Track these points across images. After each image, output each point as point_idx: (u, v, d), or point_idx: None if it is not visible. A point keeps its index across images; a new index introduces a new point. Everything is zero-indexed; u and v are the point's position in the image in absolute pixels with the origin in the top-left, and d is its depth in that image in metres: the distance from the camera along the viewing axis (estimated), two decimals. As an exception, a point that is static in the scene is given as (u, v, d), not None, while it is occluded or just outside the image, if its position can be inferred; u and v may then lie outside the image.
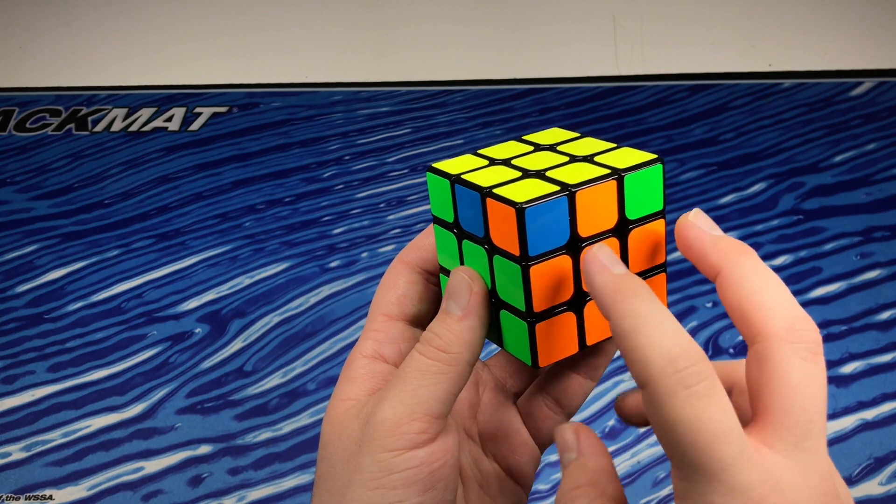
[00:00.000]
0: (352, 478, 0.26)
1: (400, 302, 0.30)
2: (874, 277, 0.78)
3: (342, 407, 0.28)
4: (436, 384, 0.26)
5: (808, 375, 0.23)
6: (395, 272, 0.30)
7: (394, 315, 0.30)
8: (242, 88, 1.10)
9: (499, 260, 0.26)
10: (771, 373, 0.23)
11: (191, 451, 0.66)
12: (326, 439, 0.28)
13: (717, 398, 0.21)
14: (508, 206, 0.25)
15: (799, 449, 0.22)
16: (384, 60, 1.14)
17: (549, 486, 0.64)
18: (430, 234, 0.30)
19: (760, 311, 0.24)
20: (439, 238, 0.29)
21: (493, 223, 0.26)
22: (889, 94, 1.02)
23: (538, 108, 1.03)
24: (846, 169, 0.91)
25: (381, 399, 0.26)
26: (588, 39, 1.15)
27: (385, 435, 0.26)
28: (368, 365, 0.29)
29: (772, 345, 0.23)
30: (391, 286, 0.30)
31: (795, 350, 0.23)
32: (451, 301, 0.27)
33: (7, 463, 0.66)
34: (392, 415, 0.26)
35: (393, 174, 0.94)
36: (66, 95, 1.10)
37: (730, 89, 1.04)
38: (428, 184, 0.28)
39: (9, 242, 0.87)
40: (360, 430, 0.26)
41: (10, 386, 0.72)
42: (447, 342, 0.26)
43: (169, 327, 0.77)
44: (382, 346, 0.30)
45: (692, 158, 0.93)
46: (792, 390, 0.22)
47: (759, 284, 0.24)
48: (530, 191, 0.25)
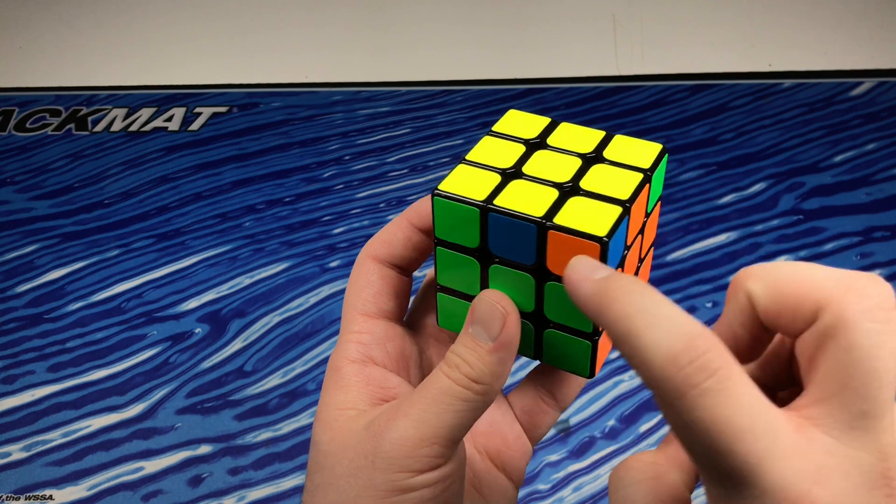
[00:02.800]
0: (361, 492, 0.25)
1: (377, 299, 0.29)
2: (874, 277, 0.78)
3: (343, 416, 0.27)
4: (462, 413, 0.25)
5: (878, 342, 0.19)
6: (365, 269, 0.29)
7: (373, 314, 0.29)
8: (242, 88, 1.10)
9: (555, 287, 0.25)
10: (828, 342, 0.19)
11: (191, 451, 0.66)
12: (327, 448, 0.26)
13: (732, 391, 0.18)
14: (588, 242, 0.23)
15: (853, 427, 0.19)
16: (384, 60, 1.14)
17: (549, 486, 0.64)
18: (397, 228, 0.29)
19: (806, 286, 0.20)
20: (445, 260, 0.27)
21: (554, 253, 0.25)
22: (889, 94, 1.02)
23: (538, 108, 1.03)
24: (846, 169, 0.91)
25: (398, 415, 0.25)
26: (588, 39, 1.15)
27: (403, 455, 0.25)
28: (360, 371, 0.28)
29: (831, 315, 0.19)
30: (365, 284, 0.29)
31: (865, 313, 0.19)
32: (479, 328, 0.25)
33: (7, 463, 0.66)
34: (413, 436, 0.25)
35: (393, 174, 0.94)
36: (66, 95, 1.10)
37: (730, 89, 1.04)
38: (435, 210, 0.26)
39: (9, 242, 0.87)
40: (371, 444, 0.25)
41: (10, 386, 0.72)
42: (479, 373, 0.25)
43: (169, 327, 0.77)
44: (370, 349, 0.29)
45: (692, 158, 0.93)
46: (856, 361, 0.19)
47: (792, 269, 0.21)
48: (595, 216, 0.24)
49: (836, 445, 0.19)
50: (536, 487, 0.64)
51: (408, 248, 0.29)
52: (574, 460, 0.65)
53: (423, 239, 0.29)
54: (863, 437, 0.19)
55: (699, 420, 0.18)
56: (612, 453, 0.66)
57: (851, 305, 0.19)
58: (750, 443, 0.18)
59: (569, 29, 1.17)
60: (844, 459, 0.18)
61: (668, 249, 0.83)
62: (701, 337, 0.19)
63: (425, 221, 0.29)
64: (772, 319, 0.21)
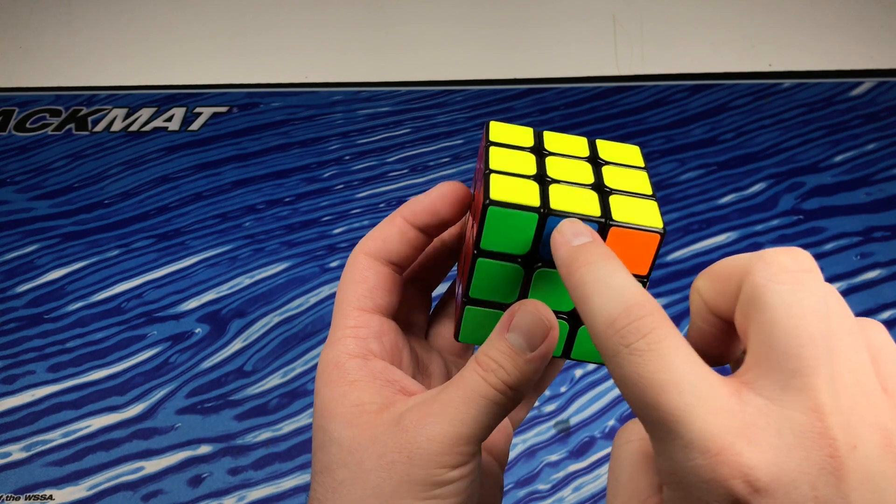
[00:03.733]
0: (399, 487, 0.25)
1: (372, 295, 0.30)
2: (874, 277, 0.78)
3: (364, 412, 0.27)
4: (495, 415, 0.26)
5: (789, 301, 0.19)
6: (360, 265, 0.30)
7: (368, 308, 0.30)
8: (242, 88, 1.10)
9: None
10: (749, 310, 0.20)
11: (191, 451, 0.66)
12: (352, 444, 0.26)
13: (659, 351, 0.20)
14: (650, 234, 0.26)
15: (786, 388, 0.19)
16: (384, 60, 1.14)
17: (549, 486, 0.64)
18: (391, 224, 0.30)
19: (730, 267, 0.22)
20: (485, 271, 0.27)
21: (612, 248, 0.26)
22: (889, 94, 1.02)
23: (538, 108, 1.03)
24: (846, 169, 0.91)
25: (433, 413, 0.26)
26: (588, 39, 1.15)
27: (442, 452, 0.25)
28: (364, 365, 0.28)
29: (747, 284, 0.20)
30: (360, 279, 0.30)
31: (771, 276, 0.20)
32: (519, 336, 0.26)
33: (7, 463, 0.66)
34: (451, 434, 0.25)
35: (393, 174, 0.94)
36: (66, 95, 1.10)
37: (730, 89, 1.04)
38: (488, 220, 0.26)
39: (9, 242, 0.87)
40: (407, 440, 0.26)
41: (10, 386, 0.72)
42: (514, 380, 0.26)
43: (169, 327, 0.77)
44: (368, 343, 0.29)
45: (692, 158, 0.93)
46: (772, 321, 0.19)
47: (726, 262, 0.22)
48: (643, 211, 0.26)
49: (768, 405, 0.19)
50: (536, 487, 0.64)
51: (402, 245, 0.30)
52: (574, 460, 0.65)
53: (418, 235, 0.30)
54: (797, 397, 0.19)
55: (629, 375, 0.20)
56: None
57: (760, 272, 0.20)
58: (674, 396, 0.19)
59: (569, 29, 1.17)
60: (777, 419, 0.19)
61: (668, 249, 0.83)
62: (639, 305, 0.21)
63: (420, 219, 0.30)
64: (715, 308, 0.23)
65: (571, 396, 0.69)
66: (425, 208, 0.30)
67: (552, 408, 0.69)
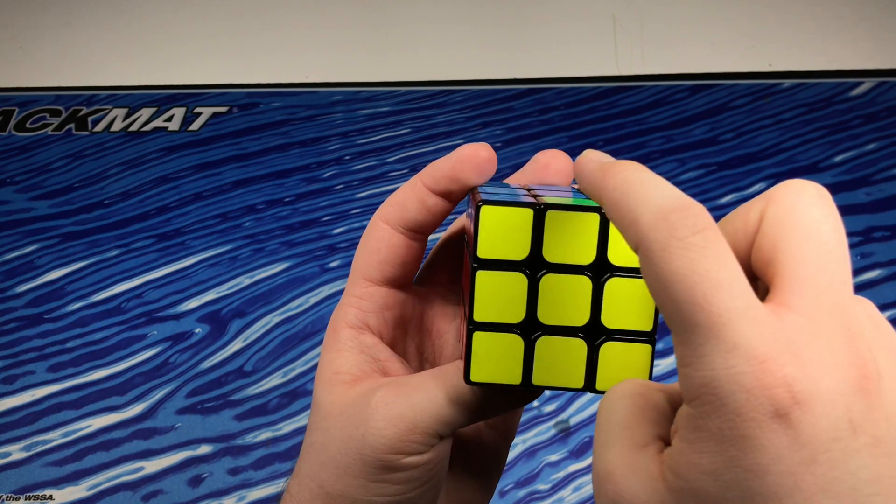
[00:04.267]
0: (351, 465, 0.26)
1: (381, 266, 0.29)
2: (874, 277, 0.78)
3: (339, 380, 0.28)
4: (463, 414, 0.26)
5: (820, 219, 0.19)
6: (376, 233, 0.29)
7: (376, 280, 0.29)
8: (242, 88, 1.10)
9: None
10: (777, 231, 0.20)
11: (191, 451, 0.66)
12: (327, 410, 0.27)
13: (716, 249, 0.19)
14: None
15: (820, 306, 0.18)
16: (384, 60, 1.14)
17: (549, 486, 0.64)
18: (411, 190, 0.28)
19: (745, 207, 0.21)
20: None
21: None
22: (889, 94, 1.02)
23: (538, 108, 1.03)
24: (846, 169, 0.91)
25: (397, 395, 0.26)
26: (588, 39, 1.15)
27: (395, 437, 0.25)
28: (356, 336, 0.29)
29: (772, 209, 0.20)
30: (373, 249, 0.29)
31: (799, 197, 0.20)
32: None
33: (7, 463, 0.66)
34: (407, 421, 0.25)
35: (393, 174, 0.94)
36: (66, 95, 1.10)
37: (730, 89, 1.04)
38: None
39: (9, 242, 0.87)
40: (366, 420, 0.26)
41: (10, 386, 0.72)
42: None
43: (169, 327, 0.77)
44: (366, 316, 0.29)
45: (692, 158, 0.93)
46: (804, 238, 0.19)
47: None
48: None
49: (805, 323, 0.18)
50: (536, 487, 0.64)
51: (421, 212, 0.29)
52: (574, 460, 0.65)
53: (438, 202, 0.29)
54: (830, 316, 0.19)
55: (678, 270, 0.18)
56: (612, 453, 0.66)
57: (787, 195, 0.20)
58: (726, 297, 0.18)
59: (569, 29, 1.17)
60: (815, 336, 0.18)
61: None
62: (694, 203, 0.20)
63: (440, 184, 0.28)
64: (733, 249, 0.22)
65: (571, 396, 0.69)
66: (446, 174, 0.28)
67: (552, 408, 0.69)
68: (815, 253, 0.19)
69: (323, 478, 0.27)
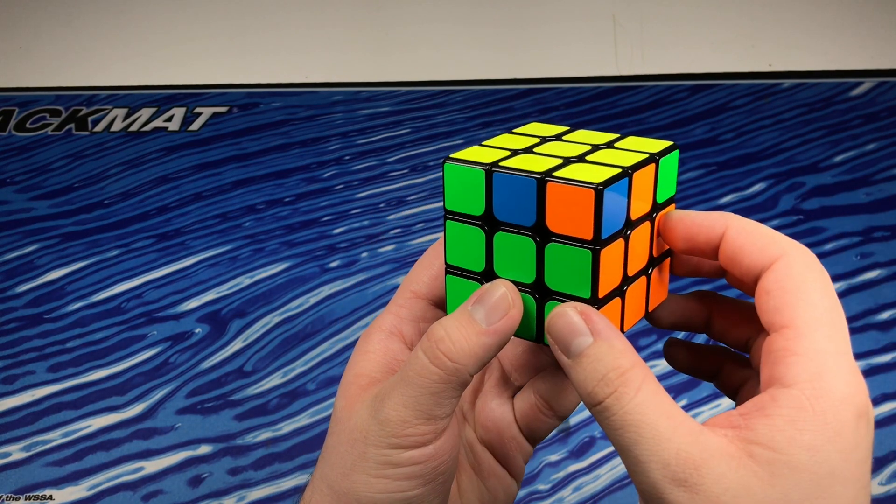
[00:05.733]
0: (356, 463, 0.26)
1: (431, 282, 0.30)
2: (874, 277, 0.78)
3: (356, 384, 0.28)
4: (438, 392, 0.26)
5: (824, 292, 0.25)
6: (431, 252, 0.30)
7: (422, 294, 0.30)
8: (242, 88, 1.10)
9: (556, 248, 0.25)
10: (795, 289, 0.24)
11: (191, 451, 0.66)
12: (339, 414, 0.28)
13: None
14: (583, 188, 0.24)
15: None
16: (384, 60, 1.14)
17: (549, 486, 0.64)
18: None
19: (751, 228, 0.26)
20: (454, 235, 0.27)
21: (552, 209, 0.25)
22: (889, 94, 1.02)
23: (538, 108, 1.03)
24: (846, 169, 0.91)
25: (386, 395, 0.26)
26: (588, 39, 1.15)
27: (391, 434, 0.26)
28: (384, 340, 0.29)
29: (786, 266, 0.25)
30: (427, 265, 0.30)
31: (810, 266, 0.25)
32: (479, 307, 0.26)
33: (7, 463, 0.66)
34: (396, 416, 0.26)
35: (393, 174, 0.94)
36: (66, 95, 1.10)
37: (730, 89, 1.04)
38: (445, 176, 0.27)
39: (9, 242, 0.87)
40: (367, 420, 0.26)
41: (10, 386, 0.72)
42: (458, 351, 0.25)
43: (169, 327, 0.77)
44: (402, 323, 0.29)
45: (692, 158, 0.93)
46: (819, 307, 0.24)
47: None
48: (594, 174, 0.25)
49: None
50: (536, 487, 0.64)
51: None
52: (574, 460, 0.65)
53: None
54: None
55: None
56: (612, 453, 0.66)
57: (799, 258, 0.25)
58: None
59: (569, 29, 1.17)
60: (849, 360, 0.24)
61: (668, 249, 0.83)
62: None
63: None
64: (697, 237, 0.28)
65: (571, 396, 0.69)
66: None
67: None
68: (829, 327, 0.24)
69: (332, 478, 0.27)
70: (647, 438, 0.23)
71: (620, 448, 0.23)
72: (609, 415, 0.23)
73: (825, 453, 0.21)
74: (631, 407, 0.23)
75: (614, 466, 0.64)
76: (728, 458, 0.22)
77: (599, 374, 0.24)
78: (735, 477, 0.22)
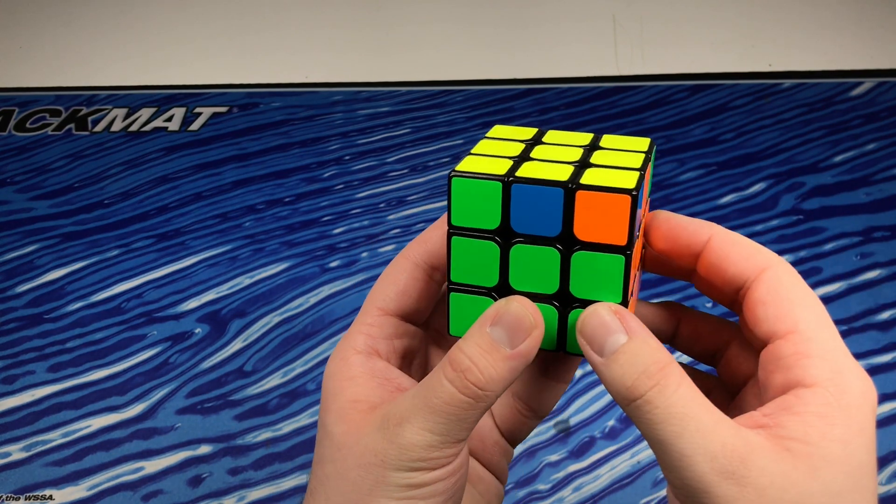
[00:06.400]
0: (375, 487, 0.26)
1: (399, 298, 0.29)
2: (874, 277, 0.78)
3: (355, 409, 0.27)
4: (465, 417, 0.25)
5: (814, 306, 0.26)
6: (396, 267, 0.29)
7: (390, 310, 0.29)
8: (242, 88, 1.10)
9: (584, 256, 0.25)
10: (787, 301, 0.25)
11: (191, 451, 0.66)
12: (341, 441, 0.27)
13: None
14: (619, 195, 0.24)
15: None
16: (384, 60, 1.14)
17: (549, 486, 0.64)
18: (436, 227, 0.29)
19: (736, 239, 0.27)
20: (461, 251, 0.26)
21: (581, 217, 0.25)
22: (889, 94, 1.02)
23: (538, 108, 1.03)
24: (846, 169, 0.91)
25: (405, 420, 0.25)
26: (588, 39, 1.15)
27: (416, 458, 0.25)
28: (365, 362, 0.28)
29: (775, 280, 0.26)
30: (392, 280, 0.29)
31: (797, 281, 0.26)
32: (500, 329, 0.25)
33: (7, 463, 0.66)
34: (421, 441, 0.25)
35: (393, 174, 0.94)
36: (66, 95, 1.10)
37: (730, 89, 1.04)
38: (453, 191, 0.25)
39: (9, 242, 0.87)
40: (383, 444, 0.25)
41: (10, 386, 0.72)
42: (487, 379, 0.25)
43: (169, 327, 0.77)
44: (376, 342, 0.29)
45: (692, 158, 0.93)
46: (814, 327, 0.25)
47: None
48: (617, 178, 0.25)
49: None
50: (536, 487, 0.64)
51: (445, 248, 0.29)
52: (574, 460, 0.65)
53: None
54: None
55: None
56: (612, 453, 0.66)
57: (786, 273, 0.27)
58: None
59: (569, 29, 1.17)
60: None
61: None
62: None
63: None
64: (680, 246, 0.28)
65: (571, 396, 0.69)
66: None
67: (554, 407, 0.69)
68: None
69: None
70: (692, 431, 0.23)
71: (662, 442, 0.23)
72: (651, 408, 0.23)
73: (855, 446, 0.23)
74: (675, 399, 0.23)
75: (614, 466, 0.64)
76: (769, 452, 0.22)
77: (639, 368, 0.24)
78: (778, 470, 0.22)
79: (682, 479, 0.23)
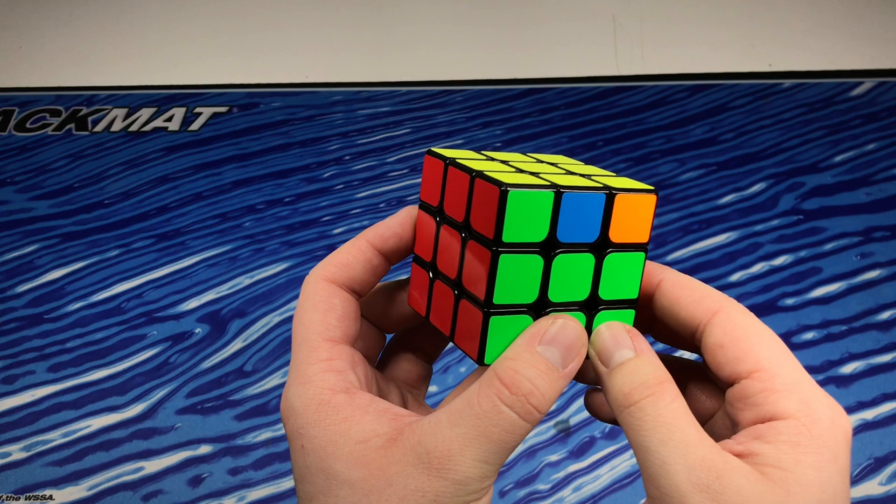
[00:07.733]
0: None
1: (341, 324, 0.27)
2: (874, 277, 0.78)
3: (368, 449, 0.25)
4: (519, 442, 0.25)
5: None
6: (323, 292, 0.27)
7: (337, 339, 0.27)
8: (242, 88, 1.10)
9: (614, 258, 0.26)
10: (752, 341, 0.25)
11: (191, 451, 0.66)
12: (368, 486, 0.24)
13: None
14: (647, 195, 0.26)
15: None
16: (384, 60, 1.14)
17: (549, 486, 0.64)
18: (356, 251, 0.28)
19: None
20: (508, 270, 0.25)
21: (617, 221, 0.26)
22: (889, 94, 1.02)
23: (538, 108, 1.03)
24: (846, 169, 0.91)
25: (457, 454, 0.24)
26: (588, 39, 1.15)
27: (470, 491, 0.24)
28: (352, 401, 0.26)
29: (733, 327, 0.26)
30: (326, 307, 0.27)
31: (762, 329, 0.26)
32: (553, 349, 0.24)
33: (7, 463, 0.66)
34: (478, 473, 0.24)
35: (393, 174, 0.94)
36: (66, 95, 1.10)
37: (730, 89, 1.04)
38: (508, 208, 0.24)
39: (9, 242, 0.87)
40: (434, 482, 0.24)
41: (10, 386, 0.72)
42: (547, 399, 0.24)
43: (169, 327, 0.77)
44: (346, 376, 0.27)
45: (692, 158, 0.93)
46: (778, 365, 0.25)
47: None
48: (624, 182, 0.26)
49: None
50: (536, 487, 0.64)
51: (367, 272, 0.28)
52: (574, 460, 0.65)
53: (382, 262, 0.28)
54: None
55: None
56: (612, 453, 0.66)
57: (743, 316, 0.27)
58: None
59: (569, 29, 1.17)
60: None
61: (668, 249, 0.83)
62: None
63: (389, 243, 0.28)
64: (682, 313, 0.28)
65: (571, 396, 0.69)
66: (395, 232, 0.28)
67: (552, 408, 0.69)
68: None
69: None
70: (676, 441, 0.23)
71: (646, 449, 0.24)
72: (642, 415, 0.24)
73: (828, 473, 0.23)
74: (666, 410, 0.24)
75: (614, 466, 0.64)
76: (747, 473, 0.23)
77: (639, 379, 0.25)
78: (754, 490, 0.22)
79: (660, 488, 0.23)
